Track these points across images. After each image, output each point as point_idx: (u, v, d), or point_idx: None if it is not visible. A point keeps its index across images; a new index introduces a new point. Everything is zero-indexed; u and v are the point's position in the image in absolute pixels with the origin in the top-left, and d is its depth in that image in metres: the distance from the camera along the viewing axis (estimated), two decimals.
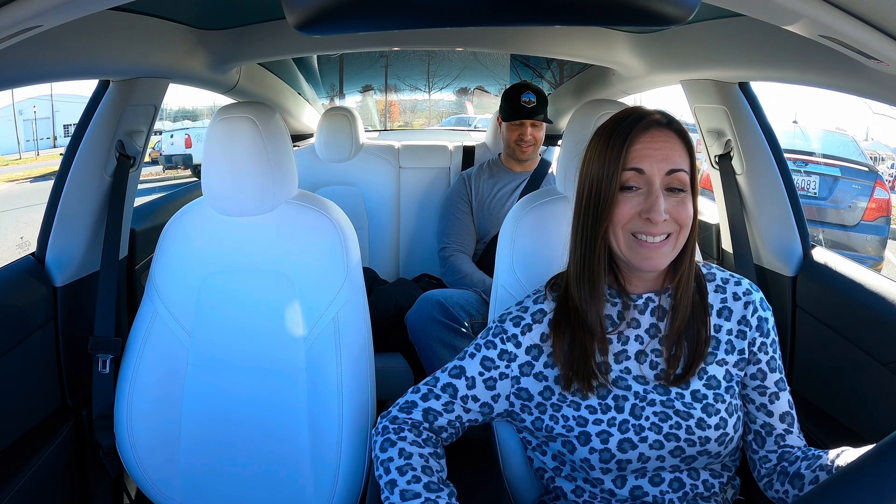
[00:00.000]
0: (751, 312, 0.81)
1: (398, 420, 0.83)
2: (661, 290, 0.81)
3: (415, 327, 1.61)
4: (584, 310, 0.78)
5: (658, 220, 0.72)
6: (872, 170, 4.61)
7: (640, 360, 0.80)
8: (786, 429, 0.82)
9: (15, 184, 12.10)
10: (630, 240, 0.75)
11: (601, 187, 0.75)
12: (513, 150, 1.88)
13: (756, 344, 0.81)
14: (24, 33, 0.62)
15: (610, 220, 0.75)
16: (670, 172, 0.73)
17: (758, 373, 0.81)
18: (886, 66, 0.68)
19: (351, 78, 2.68)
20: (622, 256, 0.77)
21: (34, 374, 1.10)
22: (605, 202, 0.74)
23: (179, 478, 1.05)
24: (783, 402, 0.82)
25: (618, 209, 0.74)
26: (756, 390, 0.82)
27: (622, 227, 0.74)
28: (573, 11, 0.53)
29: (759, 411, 0.82)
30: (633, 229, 0.74)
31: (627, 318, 0.80)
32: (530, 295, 0.87)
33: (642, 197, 0.73)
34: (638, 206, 0.73)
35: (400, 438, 0.80)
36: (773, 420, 0.82)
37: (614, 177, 0.73)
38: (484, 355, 0.83)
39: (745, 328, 0.81)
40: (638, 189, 0.74)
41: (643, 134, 0.74)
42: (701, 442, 0.76)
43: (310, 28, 0.51)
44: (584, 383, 0.77)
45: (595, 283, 0.78)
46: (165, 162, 12.26)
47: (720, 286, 0.83)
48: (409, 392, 0.86)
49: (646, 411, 0.77)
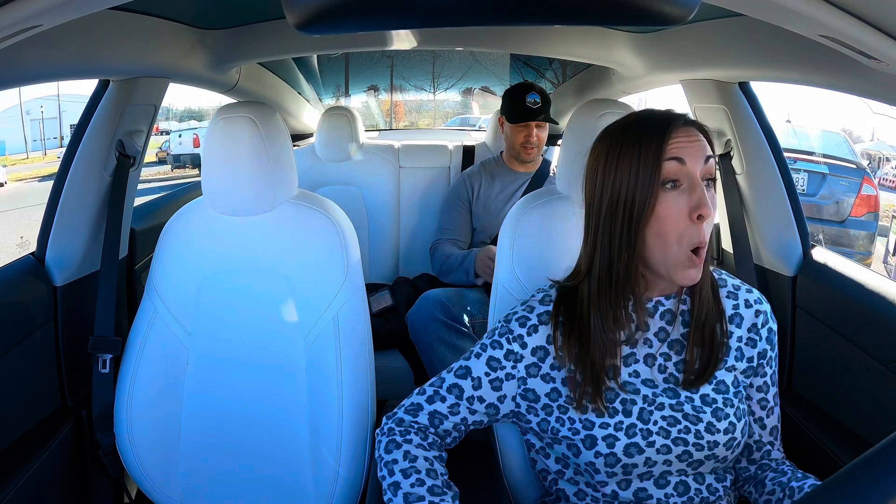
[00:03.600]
0: (762, 323, 0.80)
1: (404, 423, 0.82)
2: (672, 294, 0.79)
3: (416, 327, 1.61)
4: (601, 326, 0.75)
5: (709, 214, 0.68)
6: (860, 167, 4.69)
7: (649, 364, 0.78)
8: (771, 442, 0.84)
9: (23, 183, 12.14)
10: (683, 254, 0.70)
11: (636, 191, 0.69)
12: (518, 151, 1.88)
13: (766, 356, 0.81)
14: (23, 33, 0.62)
15: (651, 222, 0.70)
16: (707, 160, 0.71)
17: (763, 385, 0.81)
18: (886, 66, 0.67)
19: (356, 78, 2.68)
20: (662, 268, 0.72)
21: (34, 374, 1.10)
22: (645, 204, 0.69)
23: (179, 477, 1.05)
24: (775, 416, 0.83)
25: (666, 212, 0.69)
26: (759, 403, 0.82)
27: (676, 236, 0.69)
28: (573, 11, 0.53)
29: (755, 424, 0.83)
30: (689, 241, 0.69)
31: (637, 321, 0.78)
32: (535, 294, 0.85)
33: (686, 194, 0.69)
34: (684, 204, 0.69)
35: (405, 441, 0.79)
36: (765, 433, 0.83)
37: (654, 174, 0.69)
38: (490, 355, 0.81)
39: (755, 337, 0.80)
40: (679, 185, 0.70)
41: (679, 129, 0.71)
42: (709, 446, 0.75)
43: (310, 28, 0.51)
44: (594, 390, 0.75)
45: (620, 304, 0.74)
46: (174, 161, 12.37)
47: (732, 292, 0.82)
48: (415, 394, 0.84)
49: (654, 415, 0.75)
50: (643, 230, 0.70)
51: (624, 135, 0.73)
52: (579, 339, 0.76)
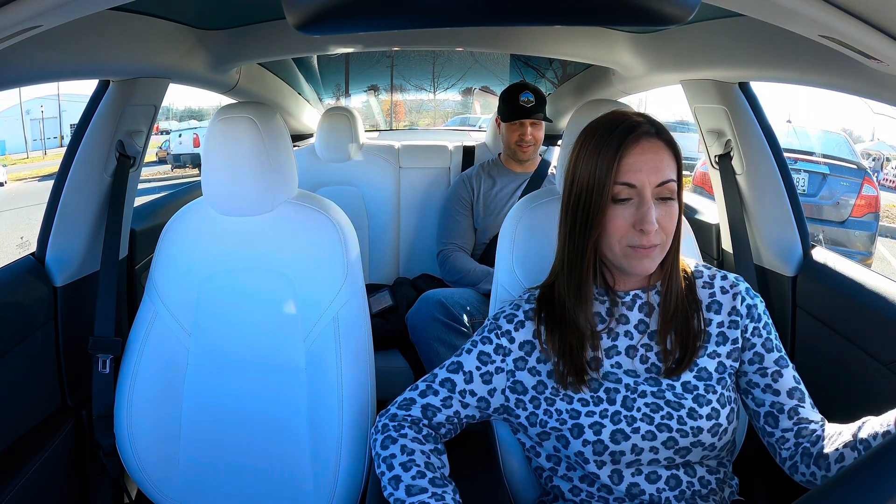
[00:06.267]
0: (739, 302, 0.83)
1: (397, 417, 0.84)
2: (649, 287, 0.83)
3: (415, 327, 1.61)
4: (573, 312, 0.80)
5: (650, 231, 0.73)
6: (861, 167, 4.69)
7: (630, 356, 0.81)
8: (796, 404, 0.80)
9: (23, 182, 12.15)
10: (625, 249, 0.76)
11: (591, 197, 0.75)
12: (513, 150, 1.88)
13: (749, 330, 0.82)
14: (24, 33, 0.62)
15: (602, 231, 0.76)
16: (660, 184, 0.74)
17: (755, 356, 0.82)
18: (886, 66, 0.68)
19: (356, 78, 2.68)
20: (615, 262, 0.78)
21: (34, 374, 1.10)
22: (596, 213, 0.75)
23: (179, 477, 1.05)
24: (788, 378, 0.81)
25: (610, 223, 0.75)
26: (757, 373, 0.82)
27: (617, 239, 0.76)
28: (573, 11, 0.53)
29: (765, 393, 0.81)
30: (627, 242, 0.75)
31: (616, 314, 0.82)
32: (523, 294, 0.89)
33: (633, 208, 0.75)
34: (630, 217, 0.75)
35: (401, 435, 0.81)
36: (781, 398, 0.81)
37: (605, 189, 0.74)
38: (481, 350, 0.85)
39: (736, 318, 0.82)
40: (629, 200, 0.75)
41: (634, 146, 0.74)
42: (693, 433, 0.77)
43: (309, 28, 0.51)
44: (576, 378, 0.79)
45: (583, 290, 0.80)
46: (174, 161, 12.38)
47: (707, 283, 0.85)
48: (408, 390, 0.87)
49: (637, 402, 0.78)
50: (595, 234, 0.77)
51: (591, 136, 0.78)
52: (560, 330, 0.81)
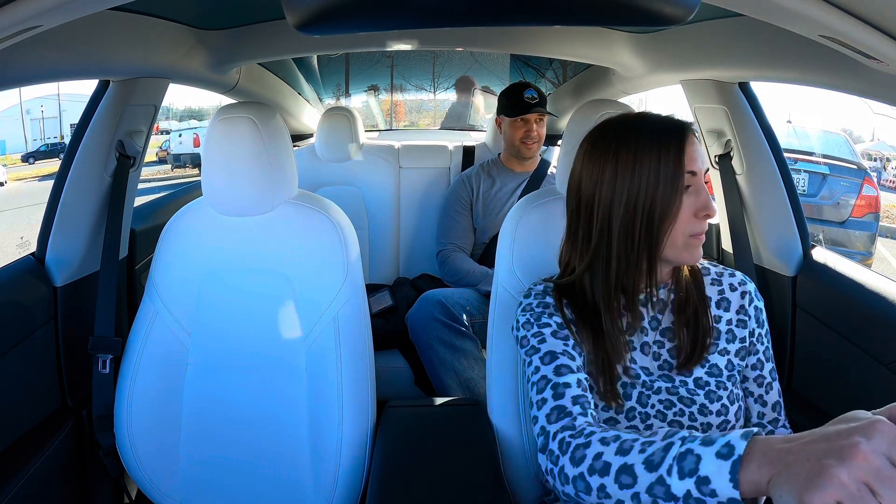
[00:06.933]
0: (748, 302, 0.84)
1: (558, 435, 0.69)
2: (660, 285, 0.83)
3: (416, 327, 1.61)
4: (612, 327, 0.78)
5: (714, 214, 0.75)
6: (861, 168, 4.69)
7: (645, 353, 0.82)
8: (776, 419, 0.85)
9: (23, 183, 12.15)
10: (688, 240, 0.76)
11: (655, 196, 0.73)
12: (518, 148, 1.87)
13: (755, 334, 0.84)
14: (24, 33, 0.62)
15: (672, 225, 0.74)
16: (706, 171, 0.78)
17: (757, 363, 0.84)
18: (886, 66, 0.68)
19: (356, 78, 2.68)
20: (674, 257, 0.77)
21: (34, 374, 1.10)
22: (669, 209, 0.73)
23: (179, 478, 1.05)
24: (775, 391, 0.85)
25: (682, 213, 0.74)
26: (755, 381, 0.84)
27: (681, 231, 0.75)
28: (573, 11, 0.53)
29: (756, 403, 0.85)
30: (690, 231, 0.75)
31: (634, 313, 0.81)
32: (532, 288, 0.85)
33: (693, 196, 0.75)
34: (692, 205, 0.75)
35: (585, 436, 0.66)
36: (767, 410, 0.85)
37: (678, 182, 0.73)
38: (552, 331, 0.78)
39: (744, 317, 0.84)
40: (688, 189, 0.75)
41: (689, 137, 0.76)
42: (703, 429, 0.78)
43: (310, 28, 0.51)
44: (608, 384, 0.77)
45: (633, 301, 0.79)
46: (174, 161, 12.38)
47: (716, 279, 0.86)
48: (534, 410, 0.74)
49: (651, 399, 0.79)
50: (666, 233, 0.75)
51: (637, 139, 0.75)
52: (591, 332, 0.79)
